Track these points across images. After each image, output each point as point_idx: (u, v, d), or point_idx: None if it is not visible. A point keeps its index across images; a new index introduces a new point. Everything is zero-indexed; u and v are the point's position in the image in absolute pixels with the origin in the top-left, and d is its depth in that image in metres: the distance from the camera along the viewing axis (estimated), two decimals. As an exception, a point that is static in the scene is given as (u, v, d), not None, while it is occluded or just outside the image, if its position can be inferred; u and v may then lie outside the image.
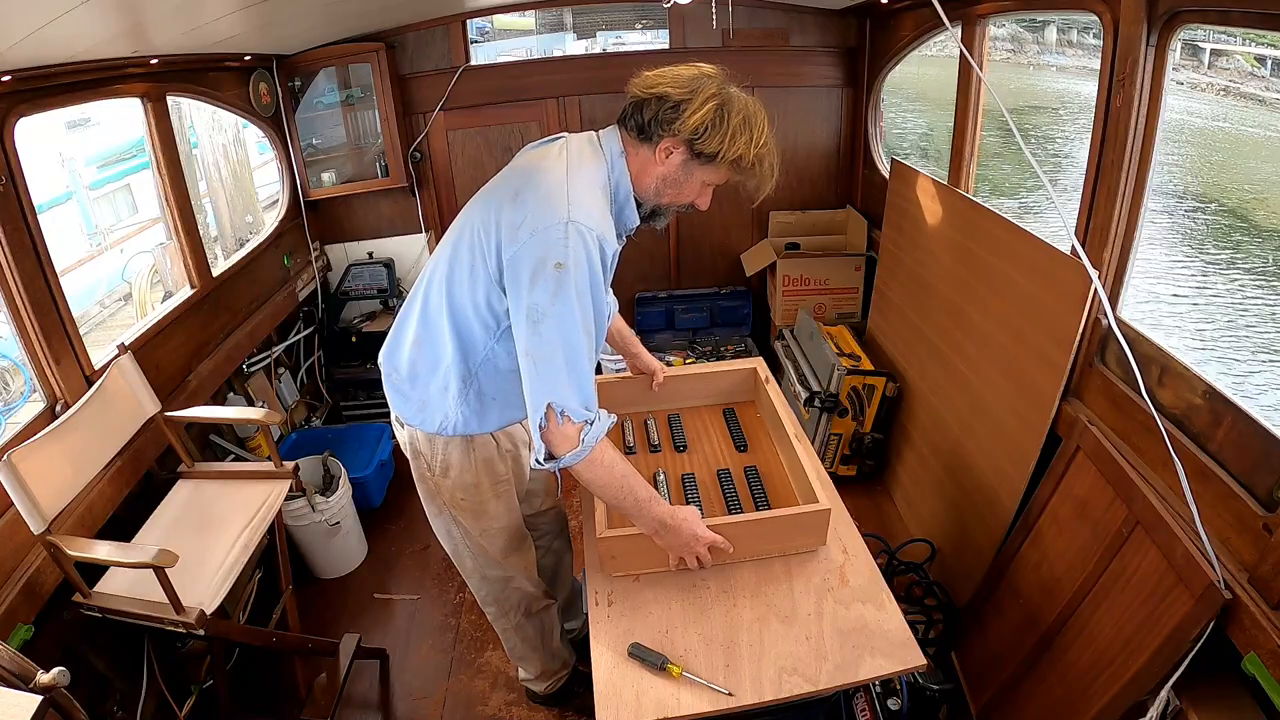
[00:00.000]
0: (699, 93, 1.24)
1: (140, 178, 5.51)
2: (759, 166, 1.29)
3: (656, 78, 1.27)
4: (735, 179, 1.33)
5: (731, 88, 1.27)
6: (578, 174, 1.27)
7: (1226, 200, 6.47)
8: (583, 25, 8.83)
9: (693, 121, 1.23)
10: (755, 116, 1.27)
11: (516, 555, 1.70)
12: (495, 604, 1.76)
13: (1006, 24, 8.59)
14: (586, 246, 1.19)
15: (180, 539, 1.80)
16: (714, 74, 1.28)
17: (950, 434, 2.33)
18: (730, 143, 1.24)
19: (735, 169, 1.29)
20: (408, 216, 3.39)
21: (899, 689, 1.70)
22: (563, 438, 1.21)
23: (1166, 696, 1.30)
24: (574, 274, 1.17)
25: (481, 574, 1.69)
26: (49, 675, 1.15)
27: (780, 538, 1.43)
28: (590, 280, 1.19)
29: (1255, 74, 7.26)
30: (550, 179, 1.26)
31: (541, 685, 1.99)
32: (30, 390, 3.54)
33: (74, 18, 1.47)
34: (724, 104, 1.24)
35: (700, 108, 1.23)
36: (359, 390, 3.36)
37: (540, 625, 1.85)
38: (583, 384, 1.21)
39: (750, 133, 1.25)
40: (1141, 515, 1.44)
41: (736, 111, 1.25)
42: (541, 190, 1.24)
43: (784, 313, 3.34)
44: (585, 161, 1.31)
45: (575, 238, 1.18)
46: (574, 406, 1.20)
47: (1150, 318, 4.64)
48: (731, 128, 1.24)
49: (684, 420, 1.88)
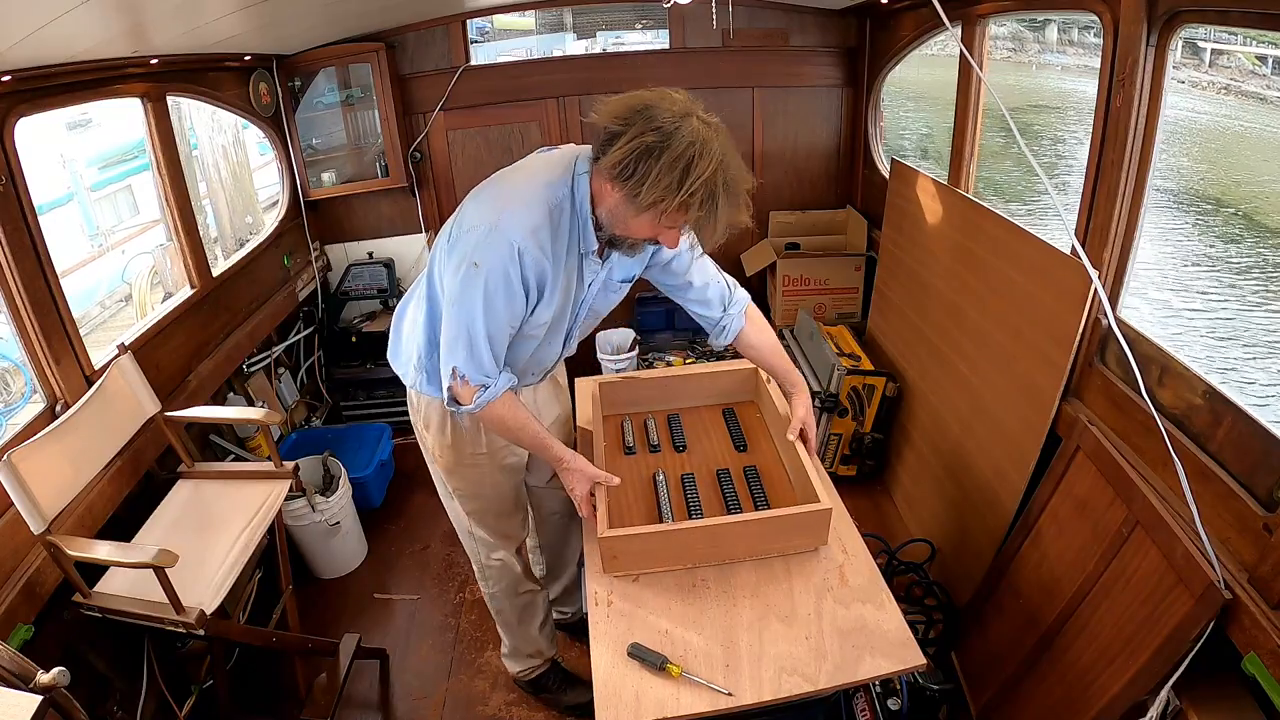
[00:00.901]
0: (635, 126, 1.16)
1: (142, 179, 5.51)
2: (688, 211, 1.16)
3: (606, 106, 1.21)
4: (676, 222, 1.22)
5: (685, 122, 1.15)
6: (528, 185, 1.32)
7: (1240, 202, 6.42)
8: (583, 25, 8.82)
9: (615, 155, 1.16)
10: (700, 155, 1.13)
11: (489, 527, 1.74)
12: (477, 567, 1.84)
13: (1008, 23, 8.58)
14: (501, 255, 1.26)
15: (180, 539, 1.80)
16: (672, 104, 1.18)
17: (950, 434, 2.32)
18: (650, 187, 1.14)
19: (656, 214, 1.19)
20: (408, 216, 3.39)
21: (899, 689, 1.70)
22: (464, 394, 1.39)
23: (1166, 696, 1.30)
24: (484, 275, 1.27)
25: (469, 531, 1.77)
26: (49, 675, 1.15)
27: (780, 538, 1.43)
28: (502, 284, 1.28)
29: (1256, 72, 7.26)
30: (504, 186, 1.35)
31: (513, 666, 2.03)
32: (31, 391, 3.54)
33: (74, 18, 1.47)
34: (658, 142, 1.13)
35: (625, 144, 1.15)
36: (359, 390, 3.36)
37: (520, 608, 1.89)
38: (481, 359, 1.34)
39: (684, 171, 1.13)
40: (1141, 515, 1.44)
41: (674, 148, 1.13)
42: (491, 194, 1.34)
43: (784, 313, 3.34)
44: (546, 175, 1.32)
45: (493, 244, 1.26)
46: (472, 374, 1.36)
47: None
48: (658, 167, 1.13)
49: (683, 420, 1.88)
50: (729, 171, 1.17)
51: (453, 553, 2.63)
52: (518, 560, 1.82)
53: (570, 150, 1.38)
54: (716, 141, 1.17)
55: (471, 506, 1.70)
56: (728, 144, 1.19)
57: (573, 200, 1.32)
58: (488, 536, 1.75)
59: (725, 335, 1.63)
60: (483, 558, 1.80)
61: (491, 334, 1.33)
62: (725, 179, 1.16)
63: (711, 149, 1.15)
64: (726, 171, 1.17)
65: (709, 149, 1.15)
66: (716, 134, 1.18)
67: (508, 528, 1.77)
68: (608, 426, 1.86)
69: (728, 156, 1.17)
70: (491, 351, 1.35)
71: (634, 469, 1.72)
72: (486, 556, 1.79)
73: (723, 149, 1.17)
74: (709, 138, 1.16)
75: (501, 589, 1.84)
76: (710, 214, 1.17)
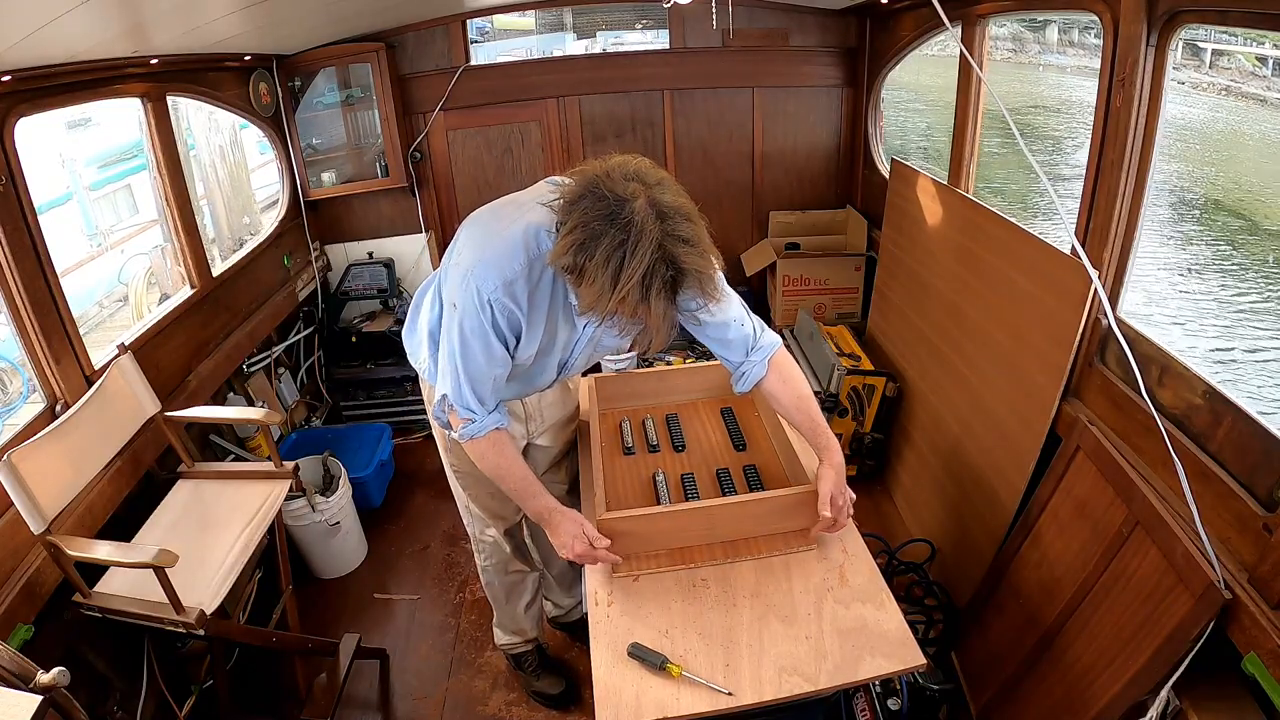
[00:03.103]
0: (571, 217, 1.08)
1: (141, 178, 5.50)
2: (621, 311, 1.06)
3: (570, 175, 1.15)
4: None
5: (623, 208, 1.03)
6: (512, 229, 1.24)
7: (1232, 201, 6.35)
8: (583, 25, 8.82)
9: (559, 245, 1.09)
10: (629, 257, 1.01)
11: (495, 509, 1.79)
12: (473, 538, 1.90)
13: (1008, 23, 8.57)
14: (474, 301, 1.25)
15: (180, 539, 1.80)
16: (607, 186, 1.06)
17: (950, 434, 2.32)
18: (584, 291, 1.07)
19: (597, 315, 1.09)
20: (408, 216, 3.39)
21: (899, 689, 1.70)
22: (452, 420, 1.41)
23: (1166, 696, 1.30)
24: (460, 316, 1.28)
25: (465, 505, 1.82)
26: (49, 675, 1.15)
27: (777, 520, 1.43)
28: (476, 330, 1.28)
29: (1256, 74, 7.26)
30: (495, 224, 1.30)
31: (499, 637, 2.10)
32: (29, 391, 3.54)
33: (74, 18, 1.47)
34: (588, 240, 1.04)
35: (564, 237, 1.08)
36: (359, 390, 3.36)
37: (509, 585, 1.96)
38: (462, 392, 1.35)
39: (618, 269, 1.02)
40: (1141, 515, 1.44)
41: (606, 247, 1.03)
42: (480, 230, 1.31)
43: (784, 313, 3.34)
44: (537, 219, 1.24)
45: (468, 289, 1.25)
46: (457, 405, 1.38)
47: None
48: (592, 265, 1.04)
49: (682, 420, 1.88)
50: (676, 262, 1.05)
51: (453, 553, 2.64)
52: (508, 541, 1.86)
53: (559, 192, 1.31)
54: (657, 228, 1.03)
55: (467, 483, 1.75)
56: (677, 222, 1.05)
57: None
58: (481, 514, 1.80)
59: (743, 383, 1.48)
60: (477, 532, 1.87)
61: (472, 376, 1.34)
62: (668, 276, 1.05)
63: (649, 238, 1.02)
64: (672, 263, 1.04)
65: (645, 239, 1.02)
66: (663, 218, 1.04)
67: (500, 509, 1.80)
68: (606, 426, 1.86)
69: (672, 244, 1.04)
70: (474, 391, 1.35)
71: (633, 469, 1.72)
72: (480, 531, 1.85)
73: (666, 235, 1.04)
74: (647, 225, 1.03)
75: (493, 564, 1.91)
76: (647, 312, 1.06)
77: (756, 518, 1.43)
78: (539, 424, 1.74)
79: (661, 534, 1.43)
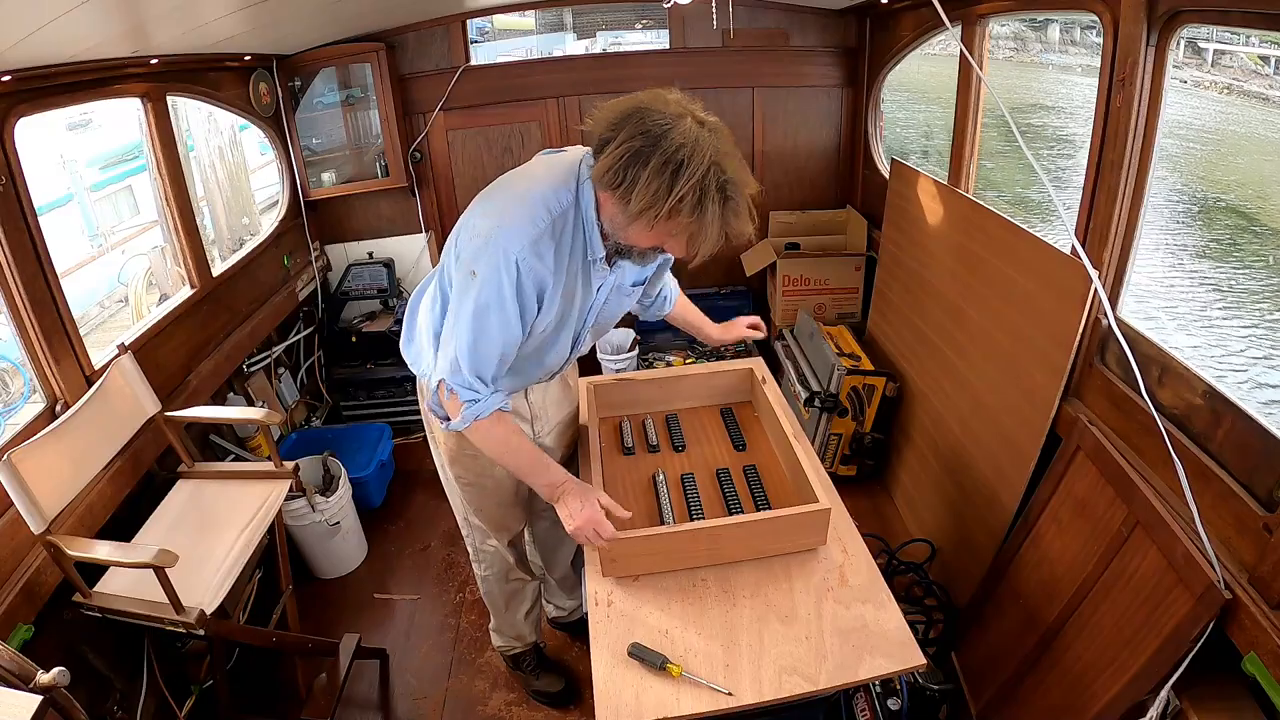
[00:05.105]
0: (624, 131, 1.12)
1: (142, 179, 5.51)
2: (675, 221, 1.12)
3: (599, 112, 1.19)
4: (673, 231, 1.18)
5: (678, 124, 1.11)
6: (529, 193, 1.27)
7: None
8: (583, 25, 8.83)
9: (605, 162, 1.13)
10: (690, 158, 1.08)
11: (486, 516, 1.76)
12: (472, 550, 1.89)
13: (1009, 23, 8.55)
14: (498, 265, 1.23)
15: (180, 539, 1.80)
16: (655, 107, 1.13)
17: (950, 434, 2.32)
18: (638, 195, 1.10)
19: (645, 224, 1.14)
20: (408, 216, 3.39)
21: (899, 689, 1.70)
22: (451, 407, 1.35)
23: (1166, 696, 1.30)
24: (481, 284, 1.25)
25: (465, 517, 1.80)
26: (49, 675, 1.15)
27: (780, 538, 1.42)
28: (495, 296, 1.25)
29: (1259, 72, 7.24)
30: (509, 193, 1.31)
31: (496, 640, 2.09)
32: (30, 391, 3.54)
33: (74, 18, 1.47)
34: (644, 147, 1.09)
35: (613, 150, 1.12)
36: (359, 390, 3.36)
37: (508, 594, 1.95)
38: (466, 371, 1.31)
39: (671, 177, 1.08)
40: (1141, 515, 1.44)
41: (663, 152, 1.08)
42: (494, 202, 1.31)
43: (784, 313, 3.34)
44: (549, 181, 1.28)
45: (490, 254, 1.23)
46: (458, 387, 1.32)
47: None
48: (644, 175, 1.09)
49: (681, 420, 1.88)
50: (725, 174, 1.11)
51: (453, 553, 2.64)
52: (511, 551, 1.85)
53: (576, 153, 1.35)
54: (712, 143, 1.11)
55: (472, 494, 1.71)
56: (727, 146, 1.14)
57: (578, 206, 1.28)
58: (484, 525, 1.77)
59: (667, 305, 1.79)
60: (477, 543, 1.85)
61: (479, 353, 1.29)
62: (720, 181, 1.11)
63: (703, 151, 1.09)
64: (722, 174, 1.11)
65: (699, 151, 1.09)
66: (714, 135, 1.13)
67: (506, 518, 1.78)
68: (605, 427, 1.86)
69: (724, 159, 1.12)
70: (477, 371, 1.31)
71: (633, 469, 1.72)
72: (480, 542, 1.84)
73: (718, 151, 1.11)
74: (701, 139, 1.10)
75: (493, 574, 1.89)
76: (700, 220, 1.12)
77: (761, 536, 1.41)
78: (545, 423, 1.71)
79: (663, 553, 1.40)
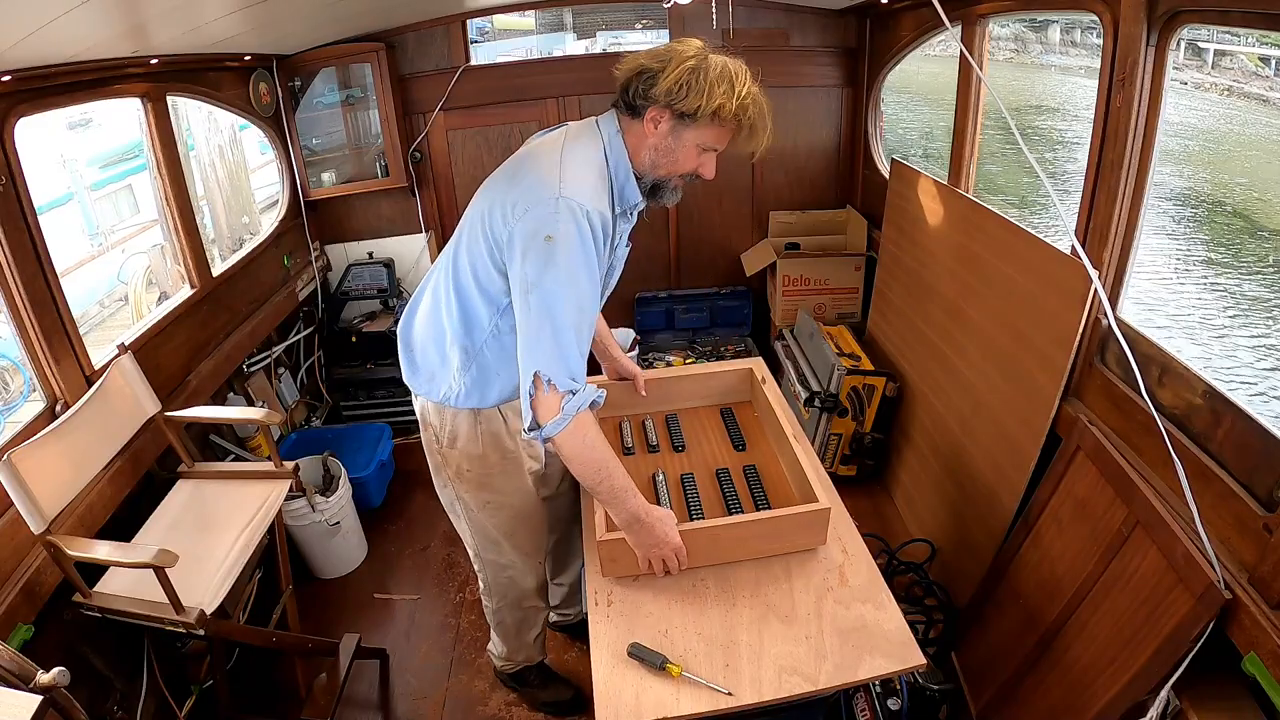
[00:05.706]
0: (674, 59, 1.27)
1: (142, 178, 5.51)
2: (744, 115, 1.29)
3: (635, 56, 1.32)
4: (726, 137, 1.33)
5: (713, 55, 1.29)
6: (571, 154, 1.32)
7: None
8: (583, 25, 8.84)
9: (667, 83, 1.26)
10: (738, 73, 1.28)
11: (519, 541, 1.70)
12: (485, 584, 1.83)
13: (1009, 24, 8.56)
14: (577, 221, 1.22)
15: (180, 539, 1.80)
16: (691, 43, 1.30)
17: (950, 434, 2.32)
18: (708, 97, 1.25)
19: (718, 122, 1.29)
20: (408, 216, 3.39)
21: (899, 689, 1.70)
22: (547, 406, 1.24)
23: (1166, 696, 1.30)
24: (562, 247, 1.21)
25: (477, 552, 1.74)
26: (49, 675, 1.15)
27: (780, 538, 1.42)
28: (582, 254, 1.23)
29: (1259, 74, 7.24)
30: (545, 160, 1.32)
31: (498, 661, 2.06)
32: (30, 390, 3.55)
33: (74, 18, 1.47)
34: (699, 64, 1.26)
35: (674, 69, 1.26)
36: (359, 390, 3.36)
37: (521, 619, 1.90)
38: (568, 355, 1.24)
39: (730, 85, 1.26)
40: (1141, 515, 1.44)
41: (714, 68, 1.26)
42: (536, 170, 1.31)
43: (784, 313, 3.34)
44: (581, 142, 1.35)
45: (565, 213, 1.22)
46: (558, 375, 1.23)
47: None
48: (708, 82, 1.25)
49: (681, 420, 1.88)
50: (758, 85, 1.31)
51: (453, 553, 2.64)
52: (532, 577, 1.79)
53: (576, 124, 1.41)
54: (742, 66, 1.30)
55: (503, 517, 1.63)
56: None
57: (608, 163, 1.35)
58: (505, 554, 1.70)
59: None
60: (490, 577, 1.78)
61: (577, 317, 1.24)
62: (760, 89, 1.31)
63: (741, 69, 1.29)
64: (758, 83, 1.31)
65: (740, 69, 1.29)
66: (740, 63, 1.31)
67: (535, 544, 1.73)
68: (605, 427, 1.86)
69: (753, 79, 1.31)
70: (584, 338, 1.27)
71: (633, 469, 1.70)
72: (498, 574, 1.76)
73: (747, 72, 1.31)
74: (734, 64, 1.29)
75: (506, 603, 1.84)
76: (761, 119, 1.30)
77: (761, 536, 1.41)
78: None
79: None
